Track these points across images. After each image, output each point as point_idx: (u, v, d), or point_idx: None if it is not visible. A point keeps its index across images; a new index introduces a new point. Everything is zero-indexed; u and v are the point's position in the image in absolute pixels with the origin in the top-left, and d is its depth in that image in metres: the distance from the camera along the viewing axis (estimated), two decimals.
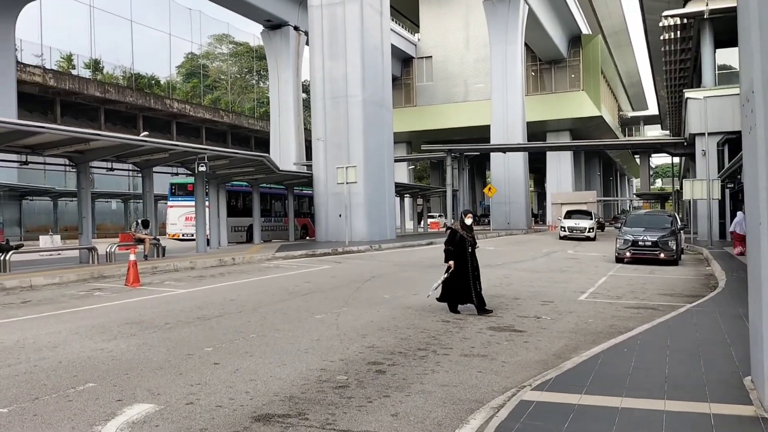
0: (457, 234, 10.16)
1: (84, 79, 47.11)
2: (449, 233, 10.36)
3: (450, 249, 10.17)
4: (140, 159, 17.84)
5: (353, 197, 28.50)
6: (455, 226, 10.38)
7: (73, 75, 46.59)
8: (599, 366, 6.34)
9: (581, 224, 34.68)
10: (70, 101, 46.33)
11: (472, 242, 10.24)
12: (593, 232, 34.52)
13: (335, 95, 29.57)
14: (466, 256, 10.09)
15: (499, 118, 54.03)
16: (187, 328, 8.66)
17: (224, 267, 17.53)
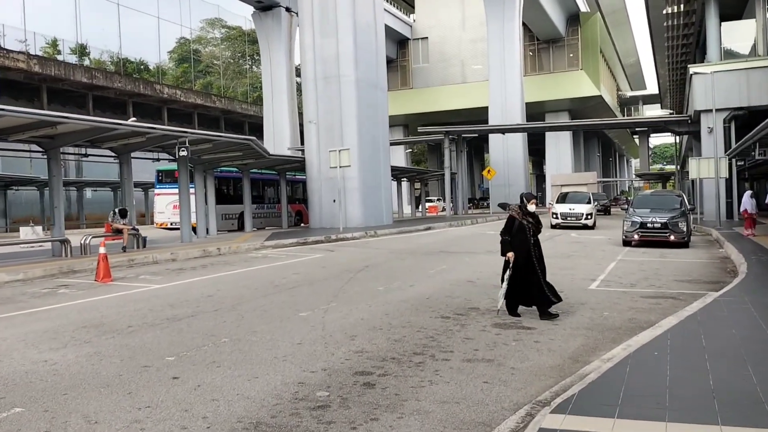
0: (516, 221, 8.56)
1: (70, 65, 45.76)
2: (507, 221, 8.76)
3: (507, 239, 8.54)
4: (116, 144, 16.73)
5: (347, 182, 27.40)
6: (513, 211, 8.73)
7: (58, 61, 45.26)
8: (629, 375, 5.31)
9: (577, 210, 27.50)
10: (57, 88, 45.03)
11: (535, 229, 8.63)
12: (591, 219, 27.41)
13: (327, 75, 28.35)
14: (528, 247, 8.47)
15: (498, 98, 52.90)
16: (152, 332, 7.63)
17: (208, 258, 16.47)
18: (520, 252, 8.44)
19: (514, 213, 8.67)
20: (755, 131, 18.53)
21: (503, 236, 8.59)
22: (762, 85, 28.73)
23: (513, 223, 8.59)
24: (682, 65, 47.28)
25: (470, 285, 11.37)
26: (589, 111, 66.37)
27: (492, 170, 45.56)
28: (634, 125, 51.72)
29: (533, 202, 8.72)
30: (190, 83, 62.08)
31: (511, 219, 8.65)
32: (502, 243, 8.60)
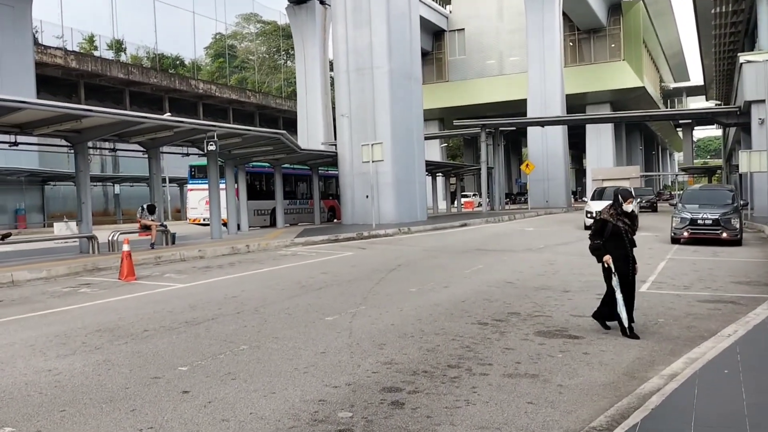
0: (609, 224, 7.48)
1: (107, 60, 46.16)
2: (598, 223, 7.65)
3: (599, 243, 7.44)
4: (144, 138, 16.39)
5: (380, 177, 26.77)
6: (606, 214, 7.60)
7: (95, 56, 45.68)
8: (698, 399, 4.58)
9: None
10: (94, 84, 45.44)
11: (632, 232, 7.55)
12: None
13: (360, 67, 27.73)
14: (625, 252, 7.39)
15: (536, 90, 51.63)
16: (168, 337, 7.13)
17: (236, 255, 16.02)
18: (617, 259, 7.37)
19: (605, 215, 7.58)
20: None
21: (594, 240, 7.51)
22: None
23: (605, 227, 7.49)
24: (729, 54, 45.40)
25: (509, 287, 10.66)
26: (632, 103, 64.47)
27: (531, 164, 44.47)
28: (680, 117, 50.07)
29: (630, 200, 7.63)
30: (225, 78, 62.19)
31: (602, 223, 7.54)
32: (595, 248, 7.48)
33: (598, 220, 7.67)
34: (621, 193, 7.80)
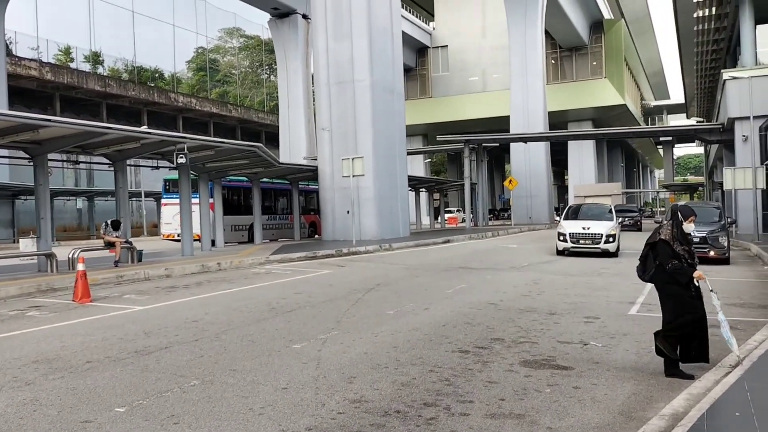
0: (666, 248, 6.32)
1: (83, 72, 45.21)
2: (661, 245, 6.39)
3: (676, 264, 6.26)
4: (109, 150, 15.62)
5: (362, 192, 26.13)
6: (666, 234, 6.38)
7: (71, 69, 44.71)
8: None
9: (594, 229, 19.82)
10: (70, 96, 44.45)
11: (691, 261, 6.40)
12: (614, 242, 19.65)
13: (341, 80, 27.16)
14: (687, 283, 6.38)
15: (519, 106, 51.56)
16: (112, 370, 6.38)
17: (206, 274, 15.22)
18: (678, 288, 6.37)
19: (664, 236, 6.35)
20: None
21: (671, 262, 6.26)
22: None
23: (671, 247, 6.30)
24: (711, 72, 45.57)
25: (492, 308, 10.02)
26: (613, 120, 64.64)
27: (514, 180, 44.15)
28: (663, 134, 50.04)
29: (692, 219, 6.42)
30: (206, 92, 61.43)
31: (666, 243, 6.33)
32: (676, 268, 6.24)
33: (660, 241, 6.39)
34: (681, 210, 6.47)
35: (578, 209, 22.38)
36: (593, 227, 19.80)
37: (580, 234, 19.77)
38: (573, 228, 20.06)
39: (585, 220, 20.50)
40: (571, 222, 20.71)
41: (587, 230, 19.79)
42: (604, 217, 20.86)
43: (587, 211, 21.76)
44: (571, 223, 20.62)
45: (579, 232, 19.85)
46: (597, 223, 20.06)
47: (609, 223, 20.09)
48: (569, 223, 20.57)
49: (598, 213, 21.53)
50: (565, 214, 21.86)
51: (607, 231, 19.55)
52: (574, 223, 20.42)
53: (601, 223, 20.18)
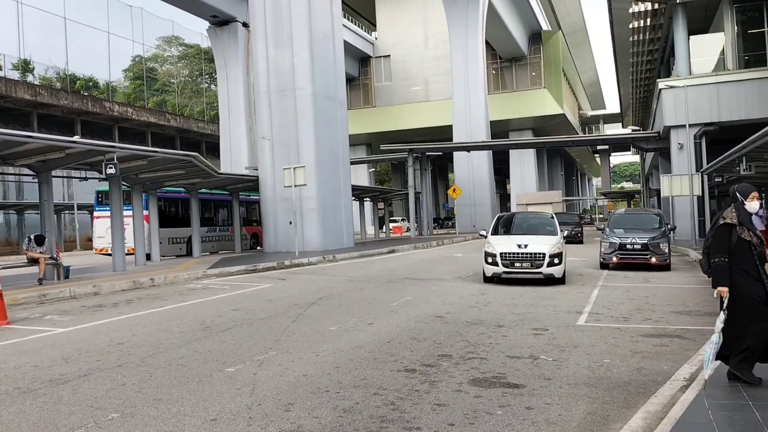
0: (733, 231, 5.53)
1: (12, 81, 43.21)
2: (719, 230, 5.62)
3: (725, 261, 5.50)
4: (32, 160, 14.65)
5: (304, 202, 25.56)
6: (730, 216, 5.58)
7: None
8: None
9: (532, 247, 14.82)
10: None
11: (761, 248, 5.50)
12: (560, 264, 14.70)
13: (281, 88, 26.56)
14: (757, 274, 5.46)
15: (462, 116, 51.96)
16: (20, 404, 5.70)
17: (137, 291, 14.38)
18: (743, 282, 5.45)
19: (729, 219, 5.56)
20: (747, 142, 17.37)
21: (719, 257, 5.52)
22: (732, 100, 27.98)
23: (730, 235, 5.53)
24: (646, 82, 46.83)
25: (439, 322, 9.66)
26: (552, 129, 65.91)
27: (457, 189, 44.29)
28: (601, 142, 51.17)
29: (754, 196, 5.61)
30: (143, 101, 59.68)
31: (726, 228, 5.56)
32: (715, 268, 5.53)
33: (721, 225, 5.61)
34: (740, 190, 5.67)
35: (511, 220, 17.27)
36: (532, 245, 14.61)
37: (516, 255, 14.55)
38: (505, 246, 14.83)
39: (521, 235, 15.53)
40: (502, 238, 15.51)
41: (524, 249, 14.52)
42: (545, 230, 15.90)
43: (522, 223, 16.82)
44: (503, 239, 15.38)
45: (513, 252, 14.60)
46: (537, 239, 14.99)
47: (552, 239, 15.10)
48: (500, 240, 15.33)
49: (537, 224, 16.48)
50: (494, 226, 16.43)
51: (550, 250, 14.45)
52: (506, 240, 15.28)
53: (541, 238, 15.12)
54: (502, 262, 14.49)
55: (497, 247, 14.75)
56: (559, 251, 14.53)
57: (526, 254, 14.40)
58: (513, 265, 14.42)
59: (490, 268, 14.70)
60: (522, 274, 14.45)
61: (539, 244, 14.64)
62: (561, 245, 14.85)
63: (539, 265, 14.29)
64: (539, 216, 17.85)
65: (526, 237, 15.18)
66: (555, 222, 16.35)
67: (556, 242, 14.78)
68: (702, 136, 28.66)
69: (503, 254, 14.57)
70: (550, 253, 14.30)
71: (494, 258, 14.60)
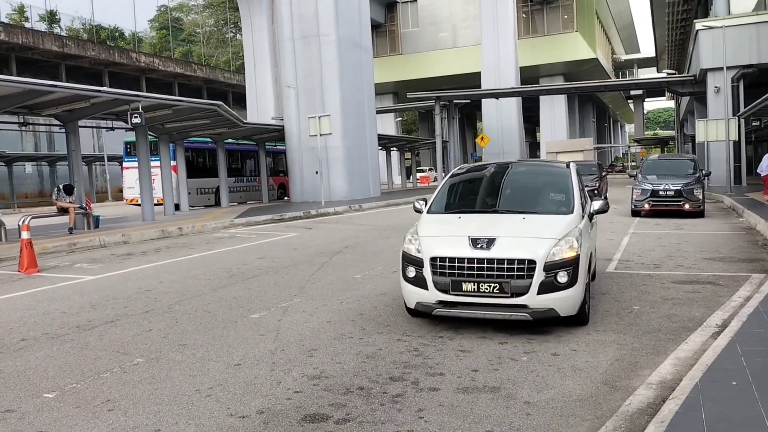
0: None
1: (39, 32, 43.34)
2: None
3: None
4: (58, 110, 14.71)
5: (330, 151, 25.42)
6: None
7: (26, 28, 42.78)
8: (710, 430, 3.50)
9: (506, 245, 5.91)
10: (27, 57, 42.65)
11: None
12: (570, 286, 5.77)
13: (305, 35, 26.13)
14: None
15: (491, 62, 50.83)
16: (48, 349, 5.79)
17: (166, 240, 14.54)
18: None
19: None
20: None
21: None
22: None
23: None
24: (682, 24, 45.13)
25: None
26: (585, 75, 64.12)
27: (486, 137, 43.68)
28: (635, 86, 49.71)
29: None
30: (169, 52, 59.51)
31: None
32: None
33: None
34: None
35: (478, 182, 8.07)
36: (506, 239, 6.07)
37: (468, 265, 5.92)
38: (446, 243, 6.26)
39: (490, 215, 6.90)
40: (446, 222, 6.92)
41: (486, 249, 5.94)
42: (547, 204, 7.16)
43: (503, 186, 7.47)
44: (447, 224, 6.81)
45: (462, 256, 5.98)
46: (520, 225, 6.45)
47: (557, 224, 6.41)
48: (440, 227, 6.76)
49: (531, 191, 7.51)
50: (443, 194, 7.61)
51: (548, 251, 5.90)
52: (453, 227, 6.64)
53: (532, 223, 6.45)
54: (436, 279, 6.05)
55: (430, 245, 6.24)
56: (573, 254, 5.97)
57: (489, 261, 5.90)
58: (460, 288, 5.96)
59: (412, 291, 6.25)
60: (481, 309, 5.97)
61: (523, 237, 6.22)
62: (578, 237, 6.19)
63: (521, 290, 5.82)
64: (539, 170, 8.59)
65: (499, 220, 6.63)
66: (572, 184, 7.20)
67: (564, 231, 6.24)
68: (740, 78, 27.67)
69: (440, 262, 6.07)
70: (547, 260, 5.87)
71: (420, 270, 6.17)
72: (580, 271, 5.84)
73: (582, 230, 6.30)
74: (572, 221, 6.39)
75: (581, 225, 6.40)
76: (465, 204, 7.54)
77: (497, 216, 6.65)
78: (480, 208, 7.15)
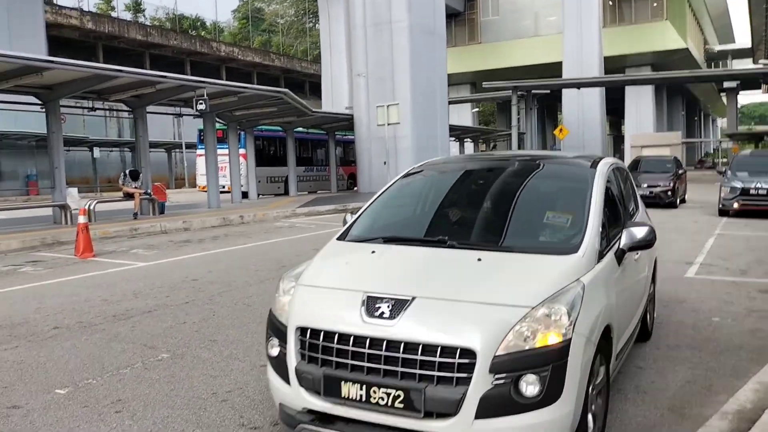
0: None
1: (124, 21, 44.85)
2: None
3: None
4: (125, 96, 14.88)
5: (399, 141, 24.93)
6: None
7: (112, 18, 44.33)
8: None
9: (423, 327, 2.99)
10: (113, 46, 44.19)
11: None
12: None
13: (377, 21, 25.69)
14: None
15: (573, 51, 49.09)
16: (77, 338, 5.61)
17: (225, 228, 14.47)
18: None
19: None
20: None
21: None
22: None
23: None
24: None
25: None
26: (674, 66, 61.01)
27: (564, 129, 42.11)
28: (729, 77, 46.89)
29: None
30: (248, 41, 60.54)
31: None
32: None
33: None
34: None
35: (434, 190, 4.97)
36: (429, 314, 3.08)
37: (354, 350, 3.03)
38: (330, 310, 3.29)
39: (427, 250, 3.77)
40: (344, 268, 3.78)
41: (392, 323, 3.02)
42: (533, 236, 3.97)
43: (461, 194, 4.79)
44: (344, 273, 3.69)
45: (349, 332, 3.08)
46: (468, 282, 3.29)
47: (538, 278, 3.28)
48: (331, 275, 3.72)
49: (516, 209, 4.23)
50: (367, 209, 4.60)
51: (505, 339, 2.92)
52: (351, 276, 3.61)
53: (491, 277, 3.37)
54: (303, 369, 3.15)
55: (302, 303, 3.40)
56: (557, 340, 2.95)
57: (391, 346, 2.97)
58: (338, 390, 3.02)
59: (273, 382, 3.40)
60: None
61: (460, 300, 3.15)
62: (575, 303, 3.10)
63: (445, 406, 2.86)
64: (545, 171, 4.77)
65: (438, 261, 3.61)
66: (591, 198, 4.01)
67: (549, 289, 3.14)
68: None
69: (310, 339, 3.20)
70: (499, 351, 2.88)
71: (283, 347, 3.32)
72: (573, 372, 2.97)
73: (591, 286, 3.26)
74: (573, 268, 3.37)
75: (592, 275, 3.38)
76: (403, 227, 4.50)
77: (440, 253, 3.66)
78: (423, 237, 4.08)
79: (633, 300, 4.43)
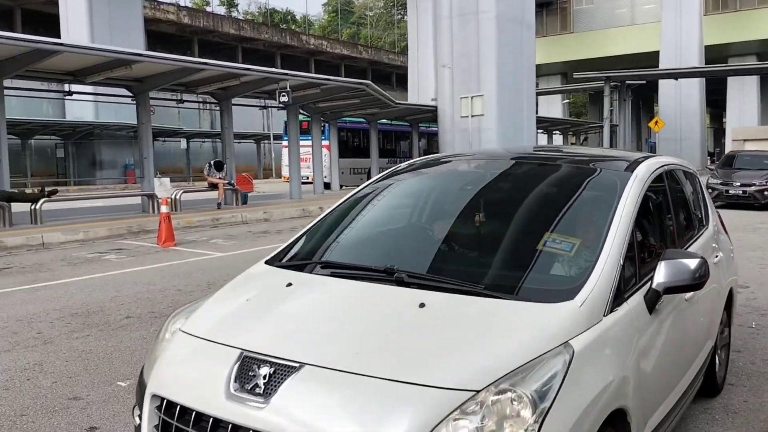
0: None
1: (219, 16, 46.25)
2: None
3: None
4: (212, 88, 15.22)
5: (483, 133, 24.35)
6: None
7: (207, 12, 45.88)
8: None
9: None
10: (208, 40, 45.69)
11: None
12: None
13: (463, 12, 25.14)
14: None
15: (671, 40, 46.74)
16: (146, 329, 5.68)
17: (306, 218, 14.53)
18: None
19: None
20: None
21: None
22: None
23: None
24: None
25: None
26: None
27: (660, 121, 40.16)
28: None
29: None
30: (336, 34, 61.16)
31: None
32: None
33: None
34: None
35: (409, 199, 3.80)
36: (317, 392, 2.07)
37: None
38: (195, 373, 2.36)
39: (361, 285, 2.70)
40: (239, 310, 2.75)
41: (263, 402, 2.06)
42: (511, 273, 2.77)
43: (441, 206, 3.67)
44: (234, 319, 2.68)
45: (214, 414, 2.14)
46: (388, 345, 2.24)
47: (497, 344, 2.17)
48: (222, 319, 2.67)
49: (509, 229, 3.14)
50: (318, 221, 3.54)
51: None
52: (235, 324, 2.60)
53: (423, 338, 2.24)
54: None
55: (166, 363, 2.46)
56: None
57: None
58: None
59: None
60: None
61: (362, 374, 2.06)
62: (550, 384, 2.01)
63: None
64: (559, 176, 3.60)
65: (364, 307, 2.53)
66: (614, 216, 2.77)
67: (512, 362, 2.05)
68: None
69: (164, 414, 2.28)
70: None
71: (140, 418, 2.41)
72: None
73: (588, 354, 2.16)
74: (561, 324, 2.24)
75: (593, 336, 2.25)
76: (354, 246, 3.37)
77: (374, 292, 2.61)
78: (367, 264, 2.93)
79: (681, 356, 3.12)
